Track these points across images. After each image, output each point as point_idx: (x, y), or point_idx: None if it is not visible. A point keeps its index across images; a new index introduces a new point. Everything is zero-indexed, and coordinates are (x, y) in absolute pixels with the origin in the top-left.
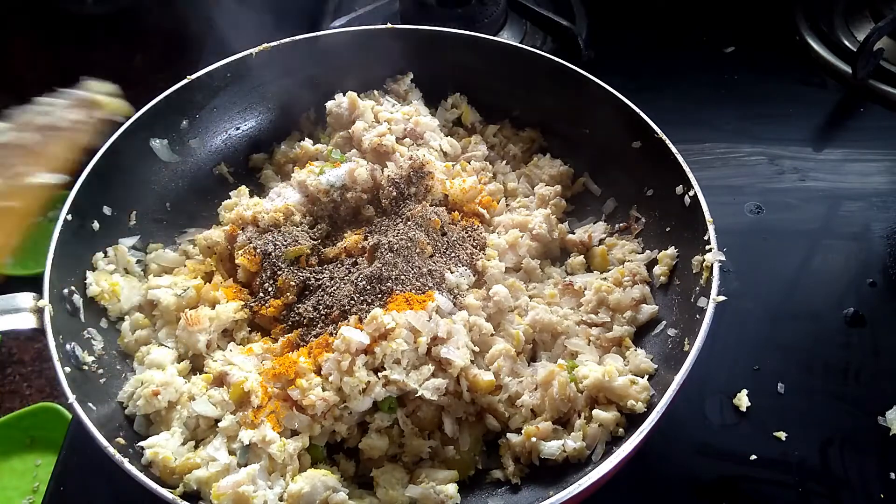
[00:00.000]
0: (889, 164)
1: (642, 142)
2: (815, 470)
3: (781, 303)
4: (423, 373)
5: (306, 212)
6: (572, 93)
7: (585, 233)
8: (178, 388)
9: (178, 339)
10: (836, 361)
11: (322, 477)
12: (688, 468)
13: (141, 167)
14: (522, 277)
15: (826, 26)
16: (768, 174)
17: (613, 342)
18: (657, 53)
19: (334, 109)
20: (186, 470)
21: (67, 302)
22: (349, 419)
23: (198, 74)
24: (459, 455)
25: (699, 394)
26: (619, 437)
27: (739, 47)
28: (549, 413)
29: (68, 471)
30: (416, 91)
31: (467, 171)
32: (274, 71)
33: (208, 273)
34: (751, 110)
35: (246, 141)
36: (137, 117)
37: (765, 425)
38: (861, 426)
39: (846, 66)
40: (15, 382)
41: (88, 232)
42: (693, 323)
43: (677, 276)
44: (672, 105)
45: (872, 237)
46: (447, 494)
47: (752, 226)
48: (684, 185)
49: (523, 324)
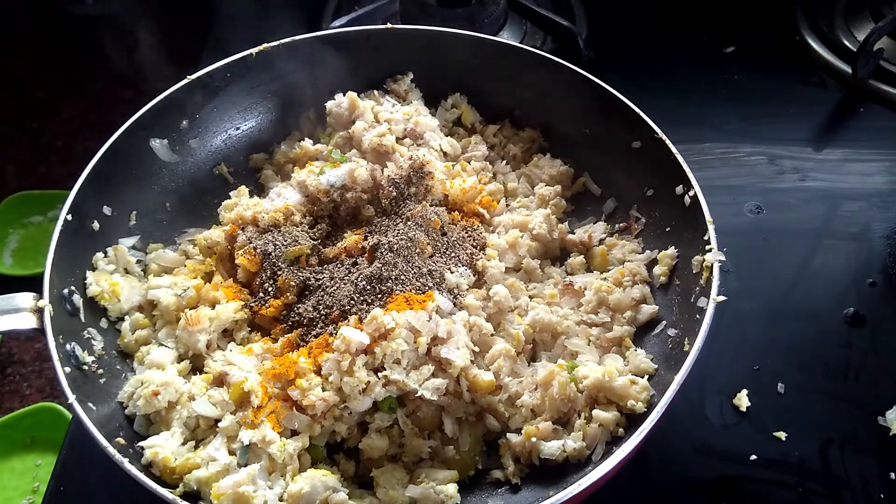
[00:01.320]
0: (889, 164)
1: (642, 142)
2: (814, 470)
3: (781, 303)
4: (423, 373)
5: (306, 212)
6: (572, 93)
7: (585, 233)
8: (178, 388)
9: (178, 339)
10: (836, 361)
11: (322, 477)
12: (688, 468)
13: (141, 167)
14: (522, 277)
15: (826, 26)
16: (768, 174)
17: (613, 342)
18: (657, 53)
19: (334, 109)
20: (186, 470)
21: (67, 302)
22: (349, 419)
23: (198, 74)
24: (459, 455)
25: (699, 394)
26: (619, 437)
27: (739, 47)
28: (549, 413)
29: (68, 471)
30: (416, 91)
31: (467, 171)
32: (274, 71)
33: (208, 273)
34: (751, 110)
35: (246, 141)
36: (137, 117)
37: (765, 425)
38: (861, 426)
39: (846, 65)
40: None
41: (88, 232)
42: (693, 323)
43: (677, 276)
44: (672, 105)
45: (872, 237)
46: (447, 494)
47: (752, 226)
48: (684, 185)
49: (523, 324)
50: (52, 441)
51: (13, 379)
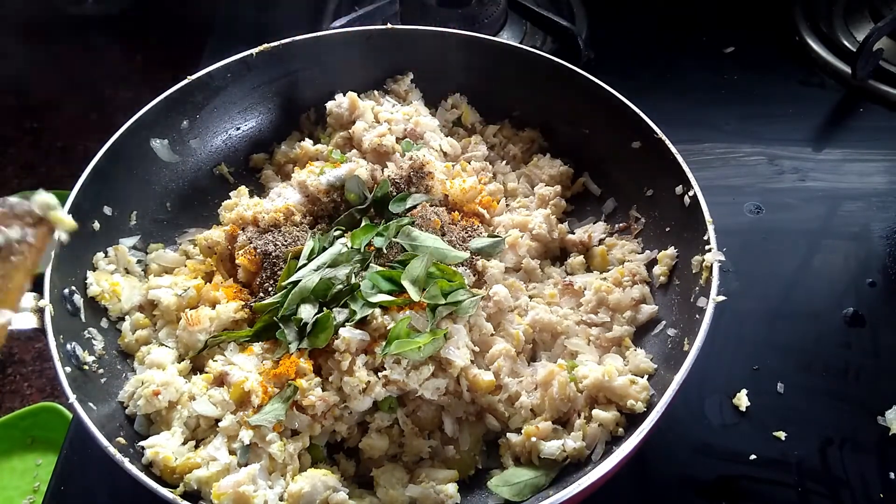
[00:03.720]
0: (889, 164)
1: (642, 142)
2: (814, 469)
3: (781, 303)
4: (424, 373)
5: (306, 212)
6: (572, 93)
7: (585, 233)
8: (179, 387)
9: (179, 338)
10: (835, 361)
11: (322, 477)
12: (687, 468)
13: (141, 167)
14: (522, 277)
15: (826, 26)
16: (768, 174)
17: (613, 342)
18: (657, 53)
19: (334, 109)
20: (187, 469)
21: (68, 302)
22: (349, 419)
23: (198, 74)
24: (459, 455)
25: (699, 394)
26: (619, 437)
27: (739, 47)
28: (549, 413)
29: (69, 470)
30: (416, 91)
31: (467, 171)
32: (274, 71)
33: (209, 273)
34: (751, 110)
35: (246, 141)
36: (138, 117)
37: (764, 425)
38: (861, 426)
39: (846, 66)
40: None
41: (89, 232)
42: (693, 323)
43: (677, 276)
44: (672, 105)
45: (872, 237)
46: (447, 494)
47: (752, 226)
48: (684, 185)
49: (523, 324)
50: (52, 441)
51: (14, 379)
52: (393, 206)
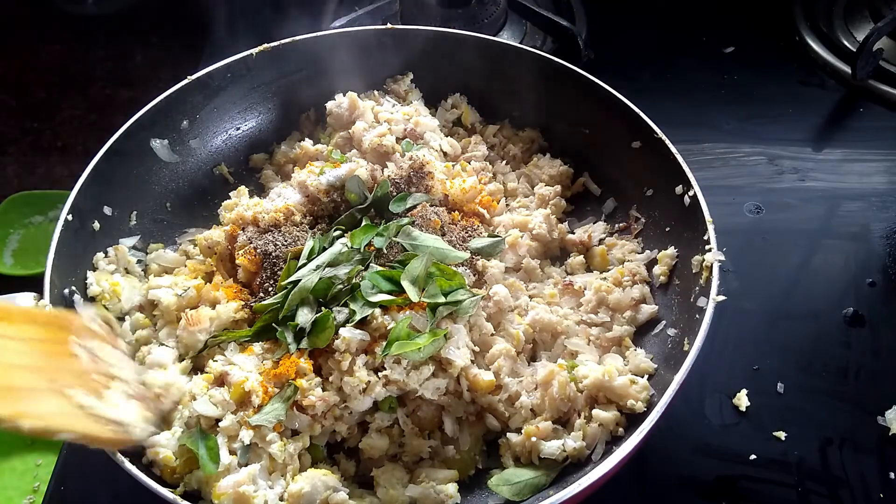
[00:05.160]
0: (889, 164)
1: (642, 142)
2: (814, 470)
3: (781, 303)
4: (424, 373)
5: (306, 212)
6: (572, 93)
7: (585, 233)
8: (181, 388)
9: (179, 338)
10: (835, 361)
11: (322, 477)
12: (687, 468)
13: (141, 167)
14: (522, 277)
15: (825, 26)
16: (768, 174)
17: (613, 342)
18: (657, 53)
19: (334, 109)
20: (187, 469)
21: (68, 302)
22: (349, 419)
23: (198, 74)
24: (459, 455)
25: (699, 393)
26: (619, 437)
27: (739, 47)
28: (549, 413)
29: (69, 471)
30: (416, 91)
31: (467, 171)
32: (274, 71)
33: (209, 273)
34: (751, 110)
35: (246, 141)
36: (138, 117)
37: (764, 425)
38: (861, 426)
39: (846, 66)
40: None
41: (89, 232)
42: (693, 323)
43: (677, 276)
44: (672, 105)
45: (872, 237)
46: (447, 494)
47: (752, 226)
48: (684, 185)
49: (523, 324)
50: (52, 441)
51: None
52: (393, 206)
